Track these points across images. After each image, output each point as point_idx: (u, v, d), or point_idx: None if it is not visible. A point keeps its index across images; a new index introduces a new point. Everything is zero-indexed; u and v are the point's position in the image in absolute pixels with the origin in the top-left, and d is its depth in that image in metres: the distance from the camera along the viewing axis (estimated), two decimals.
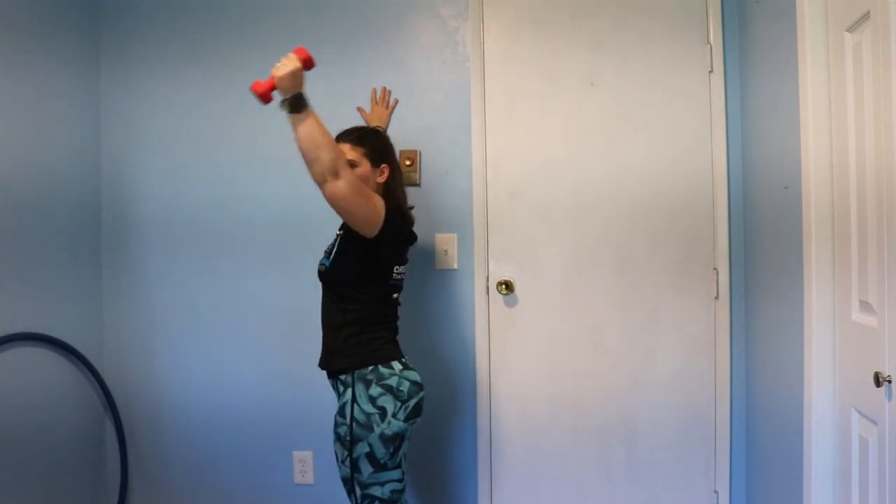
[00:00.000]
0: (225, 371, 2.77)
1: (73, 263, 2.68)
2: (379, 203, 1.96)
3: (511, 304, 2.64)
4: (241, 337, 2.75)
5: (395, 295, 2.09)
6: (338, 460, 2.01)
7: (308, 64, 1.84)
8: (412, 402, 1.98)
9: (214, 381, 2.77)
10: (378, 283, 2.03)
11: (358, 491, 1.98)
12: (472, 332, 2.65)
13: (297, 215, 2.69)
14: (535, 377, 2.62)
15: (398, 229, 2.02)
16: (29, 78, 2.46)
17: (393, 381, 1.96)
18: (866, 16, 1.63)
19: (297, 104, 1.80)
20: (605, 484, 2.60)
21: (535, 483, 2.64)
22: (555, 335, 2.61)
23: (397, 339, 2.11)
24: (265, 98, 1.84)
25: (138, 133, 2.80)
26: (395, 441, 1.95)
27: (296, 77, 1.80)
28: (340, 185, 1.82)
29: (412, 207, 2.23)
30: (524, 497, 2.64)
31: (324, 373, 2.11)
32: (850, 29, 1.73)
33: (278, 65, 1.80)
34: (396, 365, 1.99)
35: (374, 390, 1.95)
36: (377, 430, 1.93)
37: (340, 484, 2.49)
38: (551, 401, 2.62)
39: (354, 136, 2.07)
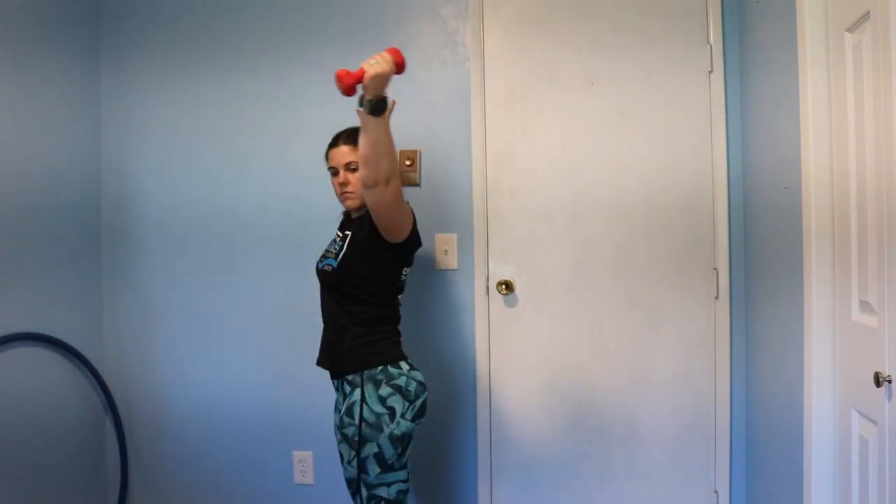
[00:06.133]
0: (225, 371, 2.77)
1: (73, 263, 2.68)
2: (409, 212, 2.01)
3: (511, 304, 2.63)
4: (241, 337, 2.75)
5: (399, 296, 2.10)
6: (343, 461, 2.01)
7: (400, 69, 1.81)
8: (419, 402, 1.99)
9: (214, 381, 2.77)
10: (386, 285, 2.04)
11: (364, 492, 1.97)
12: (472, 332, 2.64)
13: (298, 215, 2.70)
14: (536, 377, 2.62)
15: (417, 237, 2.06)
16: (29, 78, 2.46)
17: (402, 381, 1.97)
18: (866, 16, 1.63)
19: (380, 107, 1.79)
20: (606, 483, 2.60)
21: (536, 483, 2.63)
22: (555, 335, 2.61)
23: (400, 339, 2.11)
24: (350, 91, 1.77)
25: (138, 133, 2.81)
26: (403, 441, 1.95)
27: (385, 79, 1.79)
28: (389, 194, 1.86)
29: None
30: (524, 496, 2.64)
31: (324, 373, 2.11)
32: (850, 29, 1.73)
33: (372, 62, 1.77)
34: (404, 365, 2.01)
35: (384, 390, 1.95)
36: (387, 431, 1.93)
37: (340, 484, 2.50)
38: (551, 401, 2.62)
39: (353, 138, 2.02)
